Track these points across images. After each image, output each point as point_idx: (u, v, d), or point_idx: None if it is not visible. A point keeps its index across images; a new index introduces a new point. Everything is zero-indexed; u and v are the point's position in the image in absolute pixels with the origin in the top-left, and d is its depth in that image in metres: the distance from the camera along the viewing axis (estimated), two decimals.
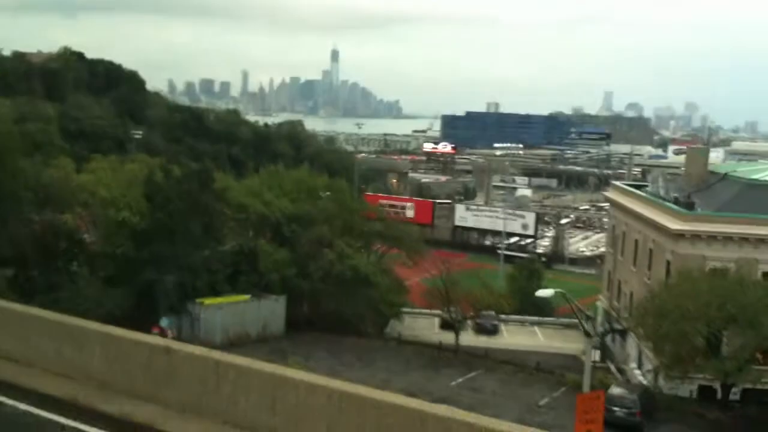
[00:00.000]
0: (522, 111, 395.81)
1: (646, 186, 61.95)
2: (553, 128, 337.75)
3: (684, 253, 46.16)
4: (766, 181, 49.75)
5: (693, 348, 39.30)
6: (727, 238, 45.58)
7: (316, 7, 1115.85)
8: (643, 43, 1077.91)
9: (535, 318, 66.32)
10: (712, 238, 45.79)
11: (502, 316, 62.54)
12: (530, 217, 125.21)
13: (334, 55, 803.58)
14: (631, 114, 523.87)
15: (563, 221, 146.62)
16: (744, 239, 45.32)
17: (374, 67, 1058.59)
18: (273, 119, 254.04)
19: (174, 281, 44.71)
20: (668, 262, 47.89)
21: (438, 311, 62.33)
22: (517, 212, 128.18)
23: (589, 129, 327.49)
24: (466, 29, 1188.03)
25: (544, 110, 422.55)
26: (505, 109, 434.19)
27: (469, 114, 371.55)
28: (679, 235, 46.26)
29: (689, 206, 48.79)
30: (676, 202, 50.41)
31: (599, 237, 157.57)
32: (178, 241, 46.06)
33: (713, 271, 44.39)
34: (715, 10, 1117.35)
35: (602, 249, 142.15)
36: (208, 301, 45.74)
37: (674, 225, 46.64)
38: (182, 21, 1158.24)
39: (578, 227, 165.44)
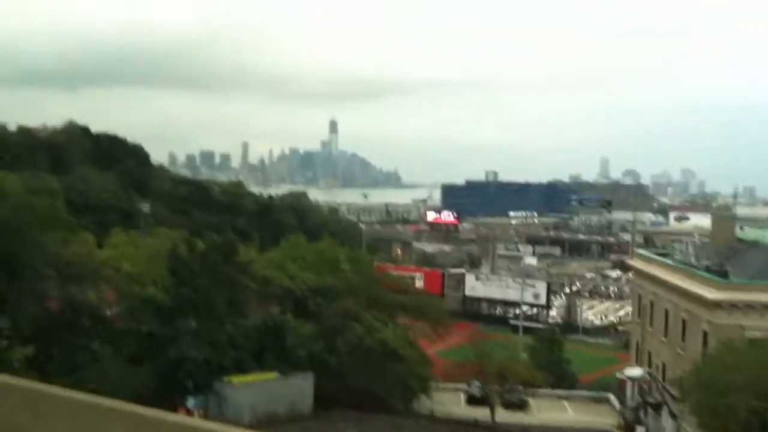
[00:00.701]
0: (520, 178, 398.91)
1: (669, 253, 61.22)
2: (553, 196, 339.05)
3: (721, 323, 45.10)
4: None
5: (741, 423, 37.91)
6: (766, 307, 44.58)
7: (313, 79, 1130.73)
8: (636, 109, 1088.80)
9: (563, 391, 64.68)
10: (749, 307, 44.79)
11: (529, 389, 60.97)
12: (542, 287, 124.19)
13: (333, 126, 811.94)
14: (628, 181, 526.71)
15: (575, 290, 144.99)
16: None
17: (372, 136, 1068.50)
18: (273, 190, 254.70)
19: (200, 359, 43.41)
20: (705, 333, 46.78)
21: (461, 385, 61.10)
22: (528, 281, 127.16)
23: (590, 196, 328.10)
24: (461, 95, 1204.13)
25: (541, 177, 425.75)
26: (503, 176, 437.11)
27: (468, 183, 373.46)
28: (716, 305, 45.28)
29: (723, 274, 47.92)
30: (708, 270, 49.55)
31: (607, 305, 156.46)
32: (203, 317, 44.98)
33: (753, 341, 43.22)
34: (707, 77, 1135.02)
35: (612, 318, 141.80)
36: (236, 379, 44.36)
37: (710, 294, 45.68)
38: (182, 93, 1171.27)
39: (584, 296, 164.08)
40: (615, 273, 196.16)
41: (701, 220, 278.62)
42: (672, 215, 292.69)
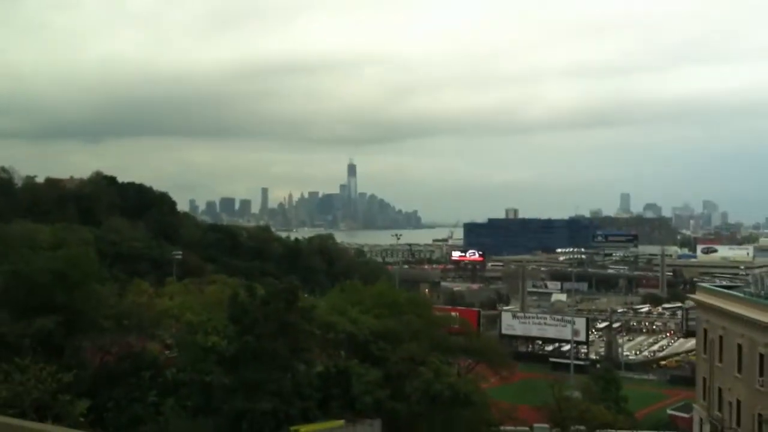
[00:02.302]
0: (540, 215, 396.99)
1: (736, 286, 59.24)
2: (577, 232, 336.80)
3: None
4: None
5: None
6: None
7: (330, 123, 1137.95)
8: (653, 143, 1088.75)
9: None
10: None
11: None
12: (581, 323, 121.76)
13: (351, 169, 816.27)
14: (650, 214, 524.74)
15: (616, 325, 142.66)
16: None
17: (390, 178, 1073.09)
18: (294, 234, 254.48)
19: (266, 409, 41.65)
20: None
21: (522, 428, 59.08)
22: (567, 317, 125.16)
23: (615, 231, 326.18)
24: (479, 138, 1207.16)
25: (562, 213, 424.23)
26: (524, 214, 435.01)
27: (491, 221, 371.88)
28: None
29: None
30: None
31: (641, 340, 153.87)
32: (267, 366, 43.29)
33: None
34: (719, 109, 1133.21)
35: (646, 353, 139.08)
36: (303, 429, 42.49)
37: None
38: (201, 142, 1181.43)
39: (619, 331, 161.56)
40: (645, 308, 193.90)
41: (727, 252, 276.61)
42: (699, 248, 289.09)
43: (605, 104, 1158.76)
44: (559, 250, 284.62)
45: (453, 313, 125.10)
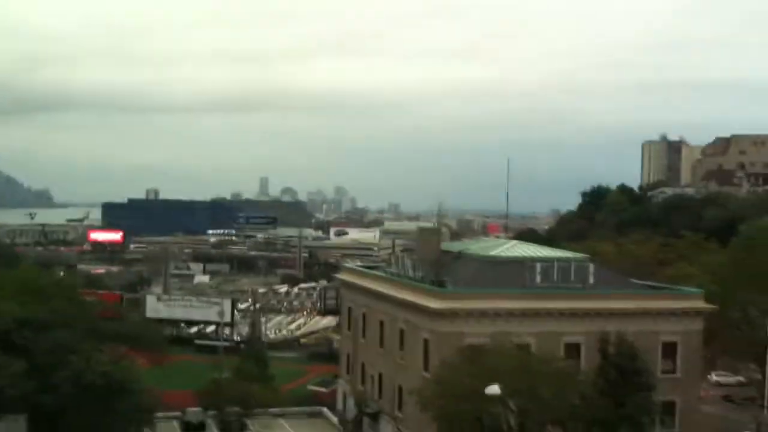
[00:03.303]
0: (182, 197, 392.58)
1: (379, 267, 63.71)
2: (218, 214, 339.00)
3: (443, 331, 47.53)
4: (499, 257, 53.26)
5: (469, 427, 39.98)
6: (483, 314, 47.80)
7: None
8: (292, 130, 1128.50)
9: (277, 409, 63.91)
10: (469, 314, 47.72)
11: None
12: (227, 304, 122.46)
13: None
14: (287, 198, 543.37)
15: (258, 306, 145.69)
16: (497, 314, 47.83)
17: (19, 155, 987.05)
18: None
19: None
20: (426, 341, 49.03)
21: (174, 412, 58.54)
22: (212, 300, 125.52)
23: (256, 214, 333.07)
24: (120, 116, 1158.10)
25: (205, 196, 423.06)
26: (165, 195, 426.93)
27: (132, 202, 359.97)
28: (438, 314, 47.55)
29: (441, 284, 50.72)
30: (423, 281, 52.02)
31: (280, 319, 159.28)
32: None
33: (472, 347, 45.83)
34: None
35: (284, 332, 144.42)
36: None
37: (433, 304, 47.81)
38: None
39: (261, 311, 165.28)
40: (284, 288, 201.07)
41: (357, 235, 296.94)
42: (333, 230, 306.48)
43: (248, 90, 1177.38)
44: (210, 232, 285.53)
45: (92, 298, 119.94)
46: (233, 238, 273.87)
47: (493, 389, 31.63)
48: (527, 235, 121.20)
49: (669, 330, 49.88)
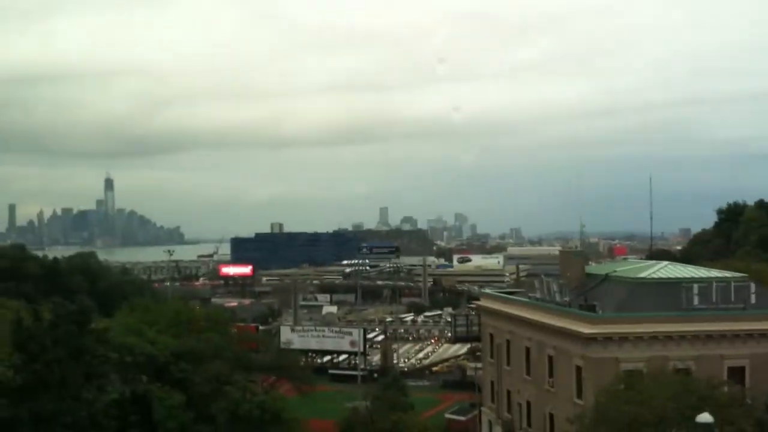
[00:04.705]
0: (306, 229, 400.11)
1: (521, 292, 62.36)
2: (341, 244, 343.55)
3: (596, 357, 45.90)
4: (651, 279, 51.11)
5: None
6: (638, 338, 45.89)
7: (82, 136, 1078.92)
8: (407, 158, 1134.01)
9: None
10: (623, 339, 45.90)
11: None
12: (358, 334, 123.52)
13: (108, 184, 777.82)
14: (407, 227, 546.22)
15: (389, 335, 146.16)
16: (654, 338, 45.81)
17: (150, 194, 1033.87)
18: (48, 252, 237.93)
19: None
20: (578, 368, 47.43)
21: None
22: (344, 329, 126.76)
23: (378, 243, 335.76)
24: (238, 154, 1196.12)
25: (326, 227, 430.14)
26: (288, 228, 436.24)
27: (258, 236, 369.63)
28: (591, 339, 45.97)
29: (591, 309, 49.01)
30: (574, 305, 50.36)
31: (408, 347, 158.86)
32: (58, 395, 39.29)
33: (628, 372, 44.12)
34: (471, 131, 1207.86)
35: (413, 360, 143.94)
36: None
37: (584, 329, 46.29)
38: None
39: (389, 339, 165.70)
40: (409, 316, 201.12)
41: (480, 261, 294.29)
42: (455, 257, 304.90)
43: (362, 120, 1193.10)
44: (345, 262, 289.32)
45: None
46: (367, 267, 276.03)
47: (705, 417, 29.74)
48: (660, 256, 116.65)
49: None
